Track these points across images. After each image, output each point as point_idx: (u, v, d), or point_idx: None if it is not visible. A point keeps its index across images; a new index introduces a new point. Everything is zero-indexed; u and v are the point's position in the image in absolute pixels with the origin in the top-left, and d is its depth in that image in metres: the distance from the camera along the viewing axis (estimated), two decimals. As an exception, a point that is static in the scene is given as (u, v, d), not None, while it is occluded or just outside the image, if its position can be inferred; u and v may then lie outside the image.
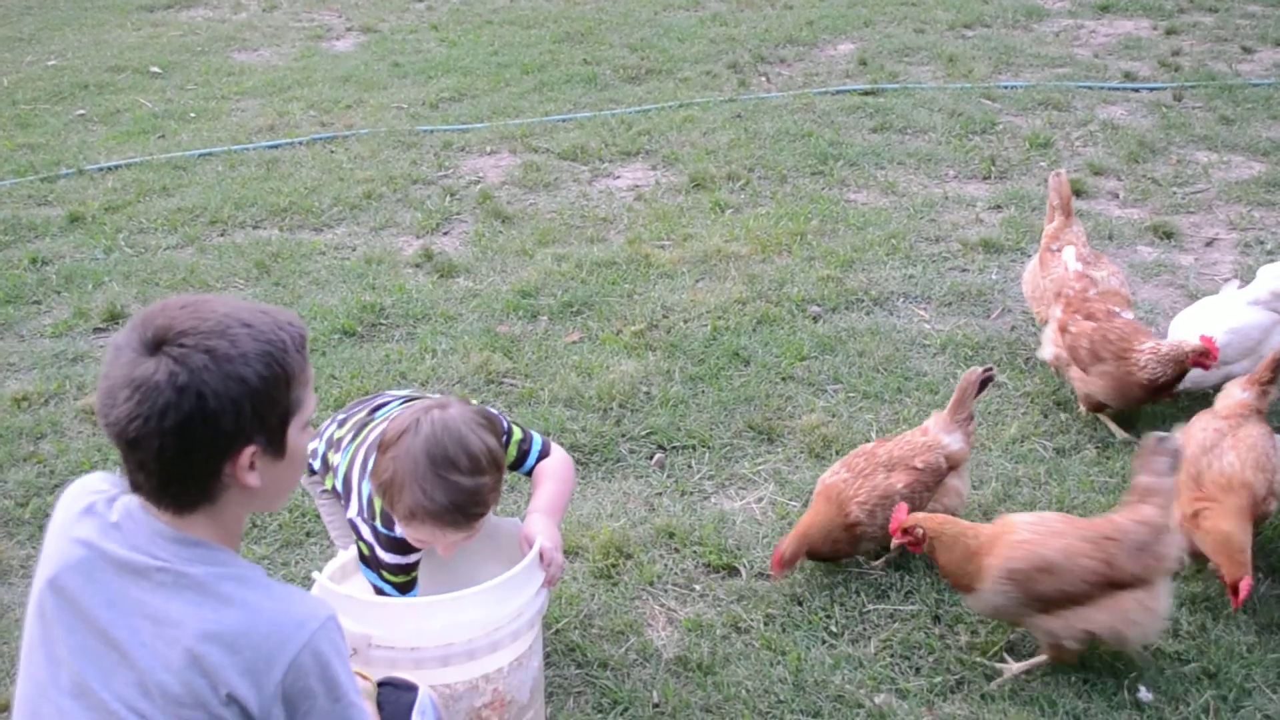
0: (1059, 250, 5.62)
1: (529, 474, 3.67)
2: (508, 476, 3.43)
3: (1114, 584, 3.68)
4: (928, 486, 4.25)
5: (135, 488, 2.33)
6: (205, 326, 2.26)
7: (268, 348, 2.30)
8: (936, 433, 4.36)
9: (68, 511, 2.41)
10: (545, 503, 3.57)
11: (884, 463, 4.27)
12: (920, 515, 3.92)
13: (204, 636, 2.22)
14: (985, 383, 4.43)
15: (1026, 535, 3.77)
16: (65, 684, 2.28)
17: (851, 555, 4.29)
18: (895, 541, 3.94)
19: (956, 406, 4.39)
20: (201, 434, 2.23)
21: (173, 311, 2.29)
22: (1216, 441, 4.22)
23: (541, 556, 3.38)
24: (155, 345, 2.24)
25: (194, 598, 2.26)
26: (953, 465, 4.33)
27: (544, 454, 3.67)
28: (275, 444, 2.35)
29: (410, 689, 2.87)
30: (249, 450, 2.30)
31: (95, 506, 2.38)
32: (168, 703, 2.21)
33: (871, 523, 4.15)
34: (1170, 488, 3.79)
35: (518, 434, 3.61)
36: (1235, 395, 4.51)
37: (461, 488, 3.14)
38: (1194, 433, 4.30)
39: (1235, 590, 3.85)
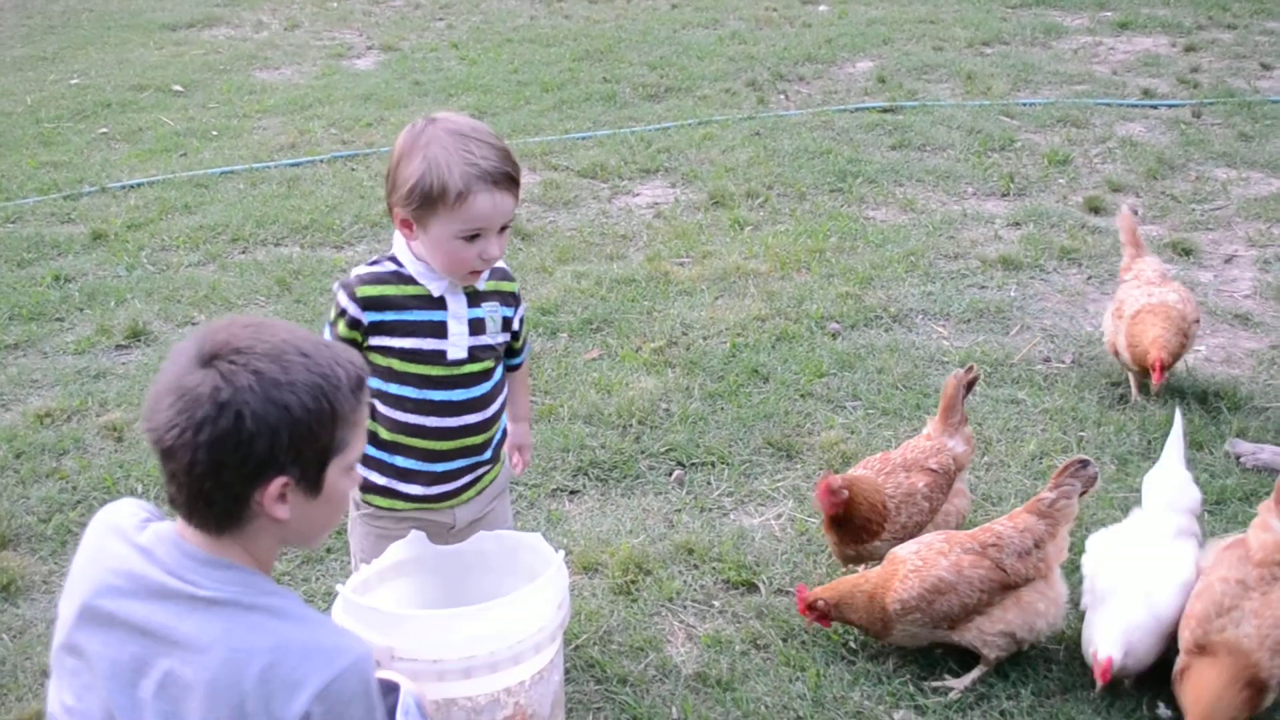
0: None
1: (520, 365, 3.79)
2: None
3: (1008, 586, 3.86)
4: (943, 488, 4.30)
5: (171, 500, 2.29)
6: (261, 348, 2.23)
7: (319, 380, 2.26)
8: (939, 437, 4.40)
9: (98, 537, 2.38)
10: (528, 412, 3.99)
11: (900, 464, 4.32)
12: (818, 590, 4.01)
13: (231, 664, 2.19)
14: (970, 384, 4.47)
15: (914, 564, 3.91)
16: (97, 716, 2.26)
17: (870, 543, 4.25)
18: (808, 621, 4.05)
19: (945, 413, 4.43)
20: (234, 454, 2.19)
21: (236, 328, 2.27)
22: (1237, 603, 3.63)
23: (520, 453, 3.90)
24: (209, 358, 2.21)
25: (224, 624, 2.23)
26: (959, 467, 4.40)
27: (528, 349, 3.83)
28: (310, 480, 2.30)
29: (391, 689, 2.85)
30: (279, 481, 2.25)
31: (126, 533, 2.34)
32: None
33: (897, 518, 4.19)
34: (1072, 511, 3.98)
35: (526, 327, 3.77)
36: (1276, 529, 3.82)
37: (498, 147, 3.24)
38: (1212, 582, 3.72)
39: None
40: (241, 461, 2.21)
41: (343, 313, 3.34)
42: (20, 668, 4.05)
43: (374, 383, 3.43)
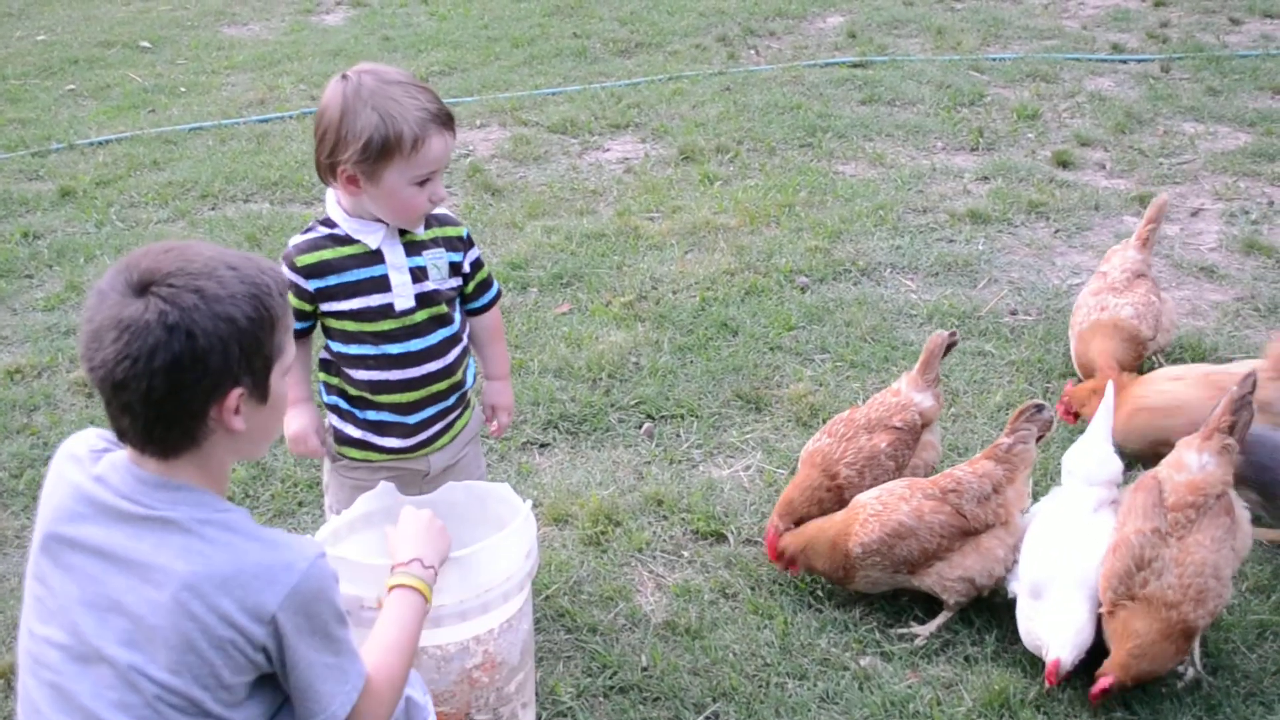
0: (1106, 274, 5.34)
1: (484, 309, 3.73)
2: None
3: (968, 532, 3.91)
4: (908, 444, 4.33)
5: (120, 434, 2.34)
6: (193, 268, 2.27)
7: (254, 289, 2.32)
8: (909, 392, 4.43)
9: (60, 468, 2.43)
10: (505, 369, 3.88)
11: (863, 425, 4.34)
12: (786, 537, 4.08)
13: (191, 582, 2.25)
14: (950, 346, 4.52)
15: (875, 508, 3.97)
16: (60, 638, 2.31)
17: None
18: (779, 567, 4.12)
19: (925, 368, 4.46)
20: (190, 374, 2.24)
21: (157, 255, 2.30)
22: (1156, 553, 3.58)
23: (496, 413, 3.85)
24: (143, 287, 2.24)
25: (180, 543, 2.29)
26: (926, 422, 4.42)
27: (497, 296, 3.77)
28: (260, 387, 2.37)
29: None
30: (235, 392, 2.31)
31: (83, 461, 2.40)
32: (158, 649, 2.25)
33: (860, 483, 4.22)
34: (1030, 455, 4.03)
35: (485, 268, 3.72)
36: (1190, 468, 3.77)
37: (431, 90, 3.30)
38: (1128, 535, 3.66)
39: (1095, 681, 3.54)
40: (198, 379, 2.26)
41: (289, 285, 3.36)
42: (-6, 621, 4.08)
43: (334, 345, 3.47)
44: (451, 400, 3.60)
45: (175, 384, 2.24)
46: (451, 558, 3.07)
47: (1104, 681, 3.51)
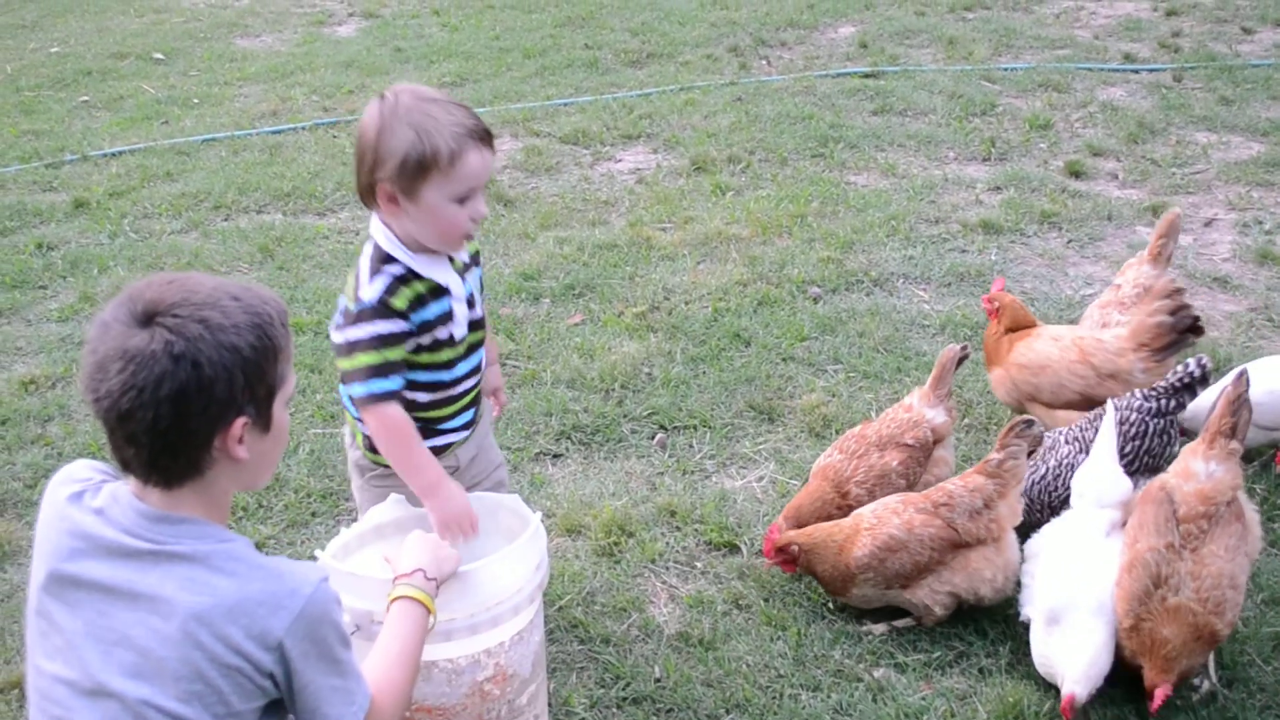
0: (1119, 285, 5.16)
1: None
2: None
3: (959, 545, 3.91)
4: (919, 462, 4.33)
5: (124, 465, 2.35)
6: (196, 299, 2.30)
7: (257, 319, 2.34)
8: (920, 408, 4.42)
9: (55, 503, 2.43)
10: (495, 355, 3.92)
11: (875, 443, 4.32)
12: (791, 533, 4.07)
13: (197, 612, 2.27)
14: (962, 359, 4.51)
15: (869, 522, 3.98)
16: (67, 674, 2.32)
17: None
18: (769, 563, 4.12)
19: (937, 383, 4.46)
20: (196, 403, 2.26)
21: (160, 287, 2.32)
22: (1172, 569, 3.55)
23: (495, 395, 3.89)
24: (147, 318, 2.26)
25: (184, 575, 2.30)
26: (939, 438, 4.41)
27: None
28: (263, 416, 2.39)
29: None
30: (240, 421, 2.33)
31: (83, 495, 2.40)
32: (166, 679, 2.25)
33: (871, 501, 4.20)
34: (1021, 471, 4.00)
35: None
36: (1199, 476, 3.74)
37: (468, 108, 3.27)
38: (1142, 553, 3.60)
39: (1151, 695, 3.48)
40: (204, 408, 2.28)
41: (388, 338, 3.24)
42: (8, 631, 4.09)
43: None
44: (477, 406, 3.62)
45: (181, 413, 2.26)
46: (460, 571, 3.07)
47: (1159, 693, 3.46)
